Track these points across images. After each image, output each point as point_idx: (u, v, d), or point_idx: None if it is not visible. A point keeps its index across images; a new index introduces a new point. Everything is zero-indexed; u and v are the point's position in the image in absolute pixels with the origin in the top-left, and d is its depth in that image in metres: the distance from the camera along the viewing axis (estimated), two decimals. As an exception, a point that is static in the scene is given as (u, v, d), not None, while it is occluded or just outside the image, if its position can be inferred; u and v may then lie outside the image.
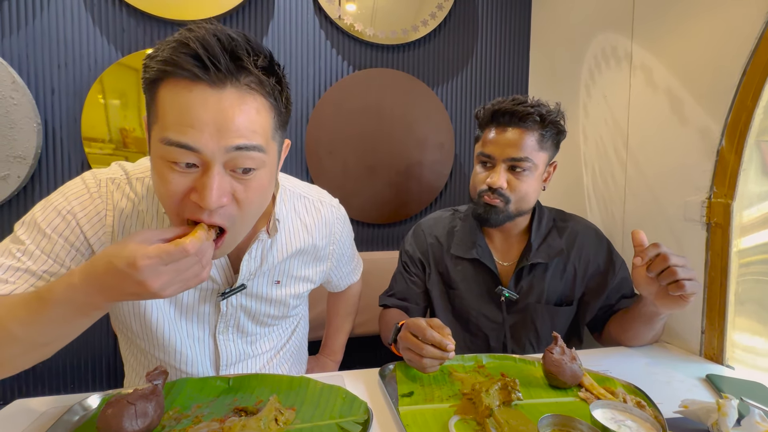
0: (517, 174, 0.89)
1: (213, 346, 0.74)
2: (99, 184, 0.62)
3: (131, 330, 0.72)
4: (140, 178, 0.65)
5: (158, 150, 0.51)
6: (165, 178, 0.51)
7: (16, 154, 1.16)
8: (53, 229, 0.59)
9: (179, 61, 0.48)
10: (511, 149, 0.88)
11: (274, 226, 0.68)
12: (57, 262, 0.59)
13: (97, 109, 1.23)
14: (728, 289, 0.85)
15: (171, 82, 0.50)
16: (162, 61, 0.49)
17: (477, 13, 1.53)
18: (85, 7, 1.22)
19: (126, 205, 0.62)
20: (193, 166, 0.51)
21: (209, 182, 0.50)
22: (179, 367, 0.74)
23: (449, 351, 0.67)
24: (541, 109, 0.89)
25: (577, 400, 0.67)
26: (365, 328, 1.35)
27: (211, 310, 0.72)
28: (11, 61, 1.17)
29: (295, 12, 1.38)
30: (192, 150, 0.49)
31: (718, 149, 0.87)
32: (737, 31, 0.83)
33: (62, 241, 0.59)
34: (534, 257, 0.94)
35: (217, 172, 0.51)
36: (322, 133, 1.40)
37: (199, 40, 0.48)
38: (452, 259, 1.00)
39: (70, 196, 0.61)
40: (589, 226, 1.01)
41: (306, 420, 0.60)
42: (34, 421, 0.61)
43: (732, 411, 0.57)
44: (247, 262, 0.69)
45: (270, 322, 0.79)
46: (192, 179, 0.51)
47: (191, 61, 0.48)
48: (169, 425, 0.58)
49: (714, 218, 0.87)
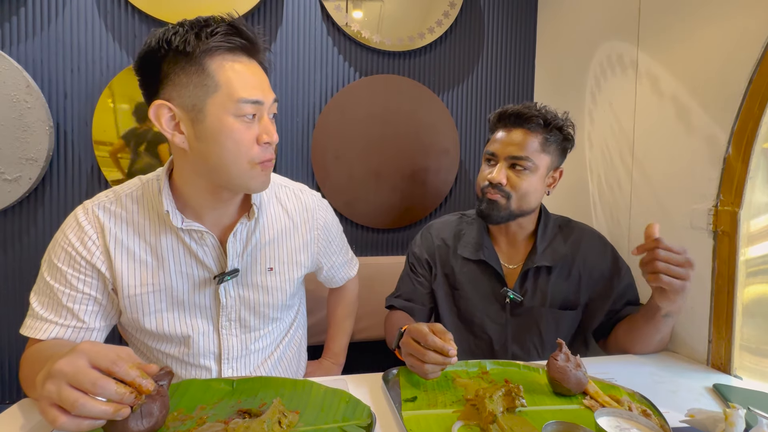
0: (517, 172, 0.92)
1: (217, 340, 0.79)
2: (86, 212, 0.72)
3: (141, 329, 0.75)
4: (128, 194, 0.75)
5: (231, 109, 0.64)
6: (240, 130, 0.66)
7: (29, 156, 1.18)
8: (61, 262, 0.70)
9: (232, 38, 0.64)
10: (513, 148, 0.92)
11: (253, 210, 0.77)
12: (72, 289, 0.70)
13: (107, 113, 1.25)
14: (735, 297, 0.84)
15: (222, 55, 0.64)
16: (213, 38, 0.63)
17: (483, 21, 1.54)
18: (99, 13, 1.25)
19: (115, 223, 0.72)
20: (252, 116, 0.67)
21: (271, 125, 0.70)
22: (184, 359, 0.78)
23: (451, 356, 0.67)
24: (546, 113, 0.92)
25: (582, 408, 0.67)
26: (369, 333, 1.35)
27: (212, 303, 0.77)
28: (26, 66, 1.20)
29: (303, 19, 1.40)
30: (259, 103, 0.67)
31: (725, 157, 0.86)
32: (744, 38, 0.83)
33: (71, 270, 0.70)
34: (539, 260, 0.96)
35: (269, 118, 0.70)
36: (328, 139, 1.42)
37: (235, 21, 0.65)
38: (459, 260, 1.02)
39: (67, 230, 0.72)
40: (594, 233, 1.02)
41: (309, 423, 0.60)
42: (40, 420, 0.61)
43: (739, 421, 0.56)
44: (233, 243, 0.76)
45: (270, 314, 0.82)
46: (255, 128, 0.67)
47: (238, 38, 0.65)
48: (173, 426, 0.58)
49: (721, 226, 0.87)
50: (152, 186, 0.74)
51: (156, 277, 0.73)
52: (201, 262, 0.75)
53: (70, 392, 0.46)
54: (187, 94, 0.64)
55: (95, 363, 0.48)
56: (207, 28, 0.63)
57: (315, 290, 1.20)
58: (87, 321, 0.71)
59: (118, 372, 0.48)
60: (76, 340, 0.70)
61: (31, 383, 0.61)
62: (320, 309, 1.28)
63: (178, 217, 0.71)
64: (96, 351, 0.49)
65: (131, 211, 0.73)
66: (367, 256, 1.48)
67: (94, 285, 0.71)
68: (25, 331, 0.69)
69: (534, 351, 0.98)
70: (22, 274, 1.25)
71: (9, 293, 1.25)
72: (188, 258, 0.75)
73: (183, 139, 0.67)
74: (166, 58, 0.63)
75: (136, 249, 0.72)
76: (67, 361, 0.47)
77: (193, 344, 0.77)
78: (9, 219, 1.24)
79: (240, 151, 0.66)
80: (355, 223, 1.48)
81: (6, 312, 1.24)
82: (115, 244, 0.71)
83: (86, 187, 1.28)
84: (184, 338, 0.77)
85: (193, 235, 0.73)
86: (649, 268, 0.74)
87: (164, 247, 0.73)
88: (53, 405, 0.46)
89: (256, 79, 0.67)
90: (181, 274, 0.74)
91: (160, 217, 0.73)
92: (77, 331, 0.70)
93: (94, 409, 0.46)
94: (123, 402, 0.48)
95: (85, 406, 0.46)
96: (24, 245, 1.25)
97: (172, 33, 0.62)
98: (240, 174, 0.68)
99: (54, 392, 0.46)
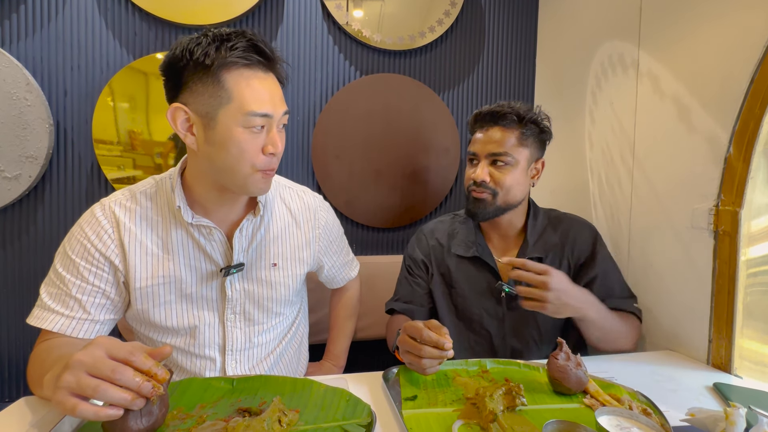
0: (498, 168, 0.95)
1: (222, 332, 0.82)
2: (104, 209, 0.76)
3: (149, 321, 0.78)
4: (143, 191, 0.79)
5: (240, 121, 0.68)
6: (246, 141, 0.69)
7: (28, 154, 1.18)
8: (76, 254, 0.73)
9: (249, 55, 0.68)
10: (492, 145, 0.95)
11: (258, 207, 0.81)
12: (83, 281, 0.73)
13: (107, 112, 1.25)
14: (736, 297, 0.84)
15: (238, 70, 0.68)
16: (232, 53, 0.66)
17: (484, 20, 1.54)
18: (99, 11, 1.25)
19: (130, 218, 0.76)
20: (261, 128, 0.70)
21: (278, 137, 0.72)
22: (190, 350, 0.80)
23: (447, 350, 0.68)
24: (519, 109, 0.95)
25: (582, 407, 0.67)
26: (369, 332, 1.35)
27: (218, 295, 0.81)
28: (26, 63, 1.20)
29: (304, 17, 1.39)
30: (268, 116, 0.70)
31: (726, 157, 0.86)
32: (745, 38, 0.83)
33: (84, 262, 0.73)
34: (531, 252, 0.98)
35: (277, 130, 0.72)
36: (328, 138, 1.41)
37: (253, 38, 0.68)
38: (453, 258, 1.04)
39: (84, 225, 0.75)
40: (582, 222, 1.05)
41: (310, 422, 0.60)
42: (41, 419, 0.61)
43: (740, 420, 0.56)
44: (239, 238, 0.80)
45: (274, 309, 0.85)
46: (262, 138, 0.71)
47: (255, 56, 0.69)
48: (173, 425, 0.58)
49: (721, 226, 0.87)
50: (165, 184, 0.79)
51: (166, 269, 0.77)
52: (208, 256, 0.79)
53: (90, 380, 0.48)
54: (202, 102, 0.68)
55: (112, 354, 0.50)
56: (228, 42, 0.67)
57: (316, 290, 1.20)
58: (92, 313, 0.73)
59: (135, 361, 0.50)
60: (81, 331, 0.72)
61: (38, 381, 0.62)
62: (321, 308, 1.28)
63: (189, 212, 0.75)
64: (112, 344, 0.51)
65: (145, 207, 0.77)
66: (367, 255, 1.48)
67: (105, 278, 0.74)
68: (32, 321, 0.72)
69: (533, 344, 0.99)
70: (22, 272, 1.25)
71: (9, 291, 1.24)
72: (197, 252, 0.78)
73: (193, 141, 0.71)
74: (187, 67, 0.67)
75: (149, 242, 0.76)
76: (86, 352, 0.49)
77: (198, 335, 0.80)
78: (9, 217, 1.23)
79: (244, 157, 0.70)
80: (356, 222, 1.48)
81: (6, 309, 1.24)
82: (130, 238, 0.75)
83: (86, 186, 1.28)
84: (190, 329, 0.79)
85: (202, 231, 0.77)
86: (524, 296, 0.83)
87: (174, 241, 0.77)
88: (72, 394, 0.48)
89: (268, 93, 0.70)
90: (190, 267, 0.78)
91: (171, 213, 0.77)
92: (82, 323, 0.72)
93: (115, 394, 0.48)
94: (140, 390, 0.49)
95: (106, 392, 0.48)
96: (24, 243, 1.25)
97: (195, 44, 0.67)
98: (241, 177, 0.72)
99: (73, 382, 0.48)
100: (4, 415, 0.63)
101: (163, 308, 0.78)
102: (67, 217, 1.27)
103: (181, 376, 0.81)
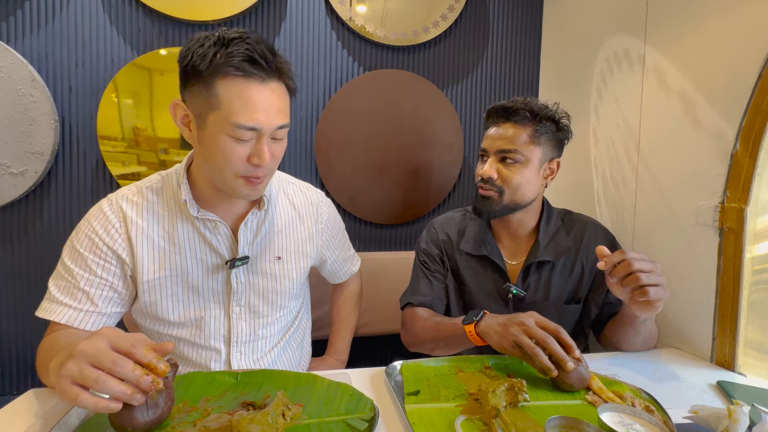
0: (507, 165, 0.92)
1: (227, 324, 0.83)
2: (111, 204, 0.77)
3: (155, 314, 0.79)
4: (149, 187, 0.80)
5: (226, 129, 0.67)
6: (231, 148, 0.69)
7: (34, 150, 1.19)
8: (84, 248, 0.74)
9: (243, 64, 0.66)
10: (501, 142, 0.92)
11: (263, 201, 0.82)
12: (91, 273, 0.74)
13: (111, 108, 1.25)
14: (741, 295, 0.84)
15: (232, 78, 0.66)
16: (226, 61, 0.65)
17: (488, 15, 1.53)
18: (103, 7, 1.25)
19: (137, 212, 0.77)
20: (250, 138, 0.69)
21: (265, 148, 0.70)
22: (195, 341, 0.81)
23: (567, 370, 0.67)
24: (534, 105, 0.92)
25: (585, 403, 0.67)
26: (372, 328, 1.36)
27: (223, 288, 0.82)
28: (31, 60, 1.20)
29: (307, 13, 1.39)
30: (255, 130, 0.68)
31: (732, 153, 0.86)
32: (753, 34, 0.82)
33: (92, 255, 0.74)
34: (542, 255, 0.95)
35: (267, 141, 0.70)
36: (332, 134, 1.41)
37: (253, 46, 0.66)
38: (462, 255, 1.02)
39: (92, 219, 0.77)
40: (597, 225, 1.02)
41: (313, 416, 0.60)
42: (48, 411, 0.62)
43: (743, 417, 0.56)
44: (244, 232, 0.81)
45: (278, 302, 0.87)
46: (249, 147, 0.70)
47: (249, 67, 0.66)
48: (179, 417, 0.59)
49: (727, 223, 0.86)
50: (172, 179, 0.80)
51: (173, 262, 0.78)
52: (214, 249, 0.80)
53: (91, 370, 0.48)
54: (197, 103, 0.69)
55: (115, 345, 0.50)
56: (226, 48, 0.66)
57: (319, 285, 1.20)
58: (100, 305, 0.74)
59: (136, 354, 0.50)
60: (88, 324, 0.73)
61: (46, 369, 0.63)
62: (323, 304, 1.28)
63: (195, 206, 0.77)
64: (116, 335, 0.52)
65: (151, 202, 0.79)
66: (370, 251, 1.48)
67: (113, 271, 0.75)
68: (41, 313, 0.73)
69: None
70: (29, 267, 1.26)
71: (16, 285, 1.26)
72: (202, 245, 0.79)
73: (190, 136, 0.74)
74: (188, 66, 0.68)
75: (155, 236, 0.78)
76: (89, 342, 0.50)
77: (204, 326, 0.81)
78: (15, 212, 1.25)
79: (227, 164, 0.70)
80: (359, 218, 1.48)
81: (14, 303, 1.26)
82: (137, 232, 0.76)
83: (91, 181, 1.29)
84: (196, 320, 0.81)
85: (207, 224, 0.79)
86: (633, 284, 0.71)
87: (181, 235, 0.79)
88: (74, 383, 0.49)
89: (261, 105, 0.68)
90: (196, 259, 0.79)
91: (177, 207, 0.79)
92: (89, 315, 0.74)
93: (114, 387, 0.48)
94: (139, 384, 0.50)
95: (106, 384, 0.48)
96: (30, 238, 1.26)
97: (197, 46, 0.67)
98: (225, 181, 0.73)
99: (75, 371, 0.48)
100: (13, 407, 0.64)
101: (169, 300, 0.79)
102: (72, 213, 1.28)
103: (186, 368, 0.82)
